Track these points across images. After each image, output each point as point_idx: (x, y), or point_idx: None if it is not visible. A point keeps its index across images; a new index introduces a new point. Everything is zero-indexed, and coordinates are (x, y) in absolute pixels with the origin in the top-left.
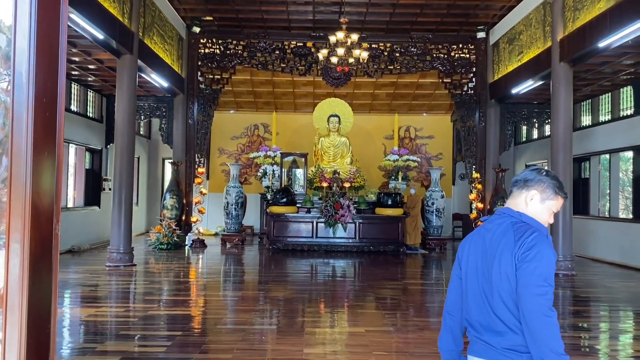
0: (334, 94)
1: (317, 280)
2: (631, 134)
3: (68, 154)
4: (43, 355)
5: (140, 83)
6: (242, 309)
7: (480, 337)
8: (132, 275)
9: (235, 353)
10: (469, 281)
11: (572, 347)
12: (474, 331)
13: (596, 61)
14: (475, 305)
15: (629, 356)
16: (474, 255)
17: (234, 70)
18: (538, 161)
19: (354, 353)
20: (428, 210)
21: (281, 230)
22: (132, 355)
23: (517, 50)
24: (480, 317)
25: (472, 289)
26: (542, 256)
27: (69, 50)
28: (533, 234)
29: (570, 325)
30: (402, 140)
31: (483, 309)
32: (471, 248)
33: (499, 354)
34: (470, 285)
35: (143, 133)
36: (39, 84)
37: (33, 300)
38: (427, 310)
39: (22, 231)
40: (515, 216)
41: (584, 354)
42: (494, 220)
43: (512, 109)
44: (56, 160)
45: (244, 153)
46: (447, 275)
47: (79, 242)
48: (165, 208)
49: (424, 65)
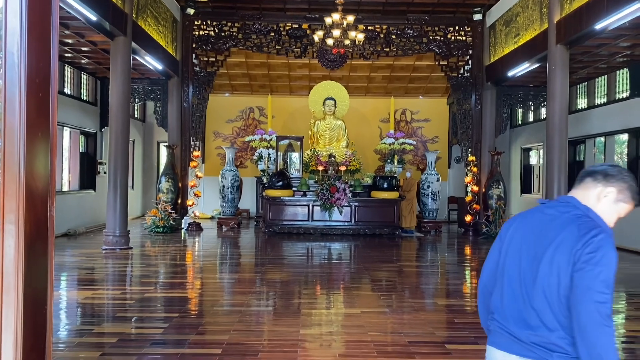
0: (330, 76)
1: (313, 262)
2: (626, 117)
3: (62, 137)
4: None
5: (135, 65)
6: (239, 291)
7: (505, 328)
8: (129, 258)
9: (232, 334)
10: (507, 262)
11: None
12: (500, 319)
13: (593, 43)
14: (509, 291)
15: (621, 336)
16: (521, 236)
17: (229, 52)
18: (534, 144)
19: (350, 334)
20: (423, 194)
21: (277, 213)
22: (129, 336)
23: (513, 33)
24: (511, 304)
25: (509, 272)
26: (608, 261)
27: (62, 32)
28: (600, 235)
29: None
30: (398, 123)
31: (517, 297)
32: (520, 227)
33: (525, 349)
34: (509, 267)
35: (138, 116)
36: (31, 64)
37: (29, 281)
38: (422, 291)
39: (16, 212)
40: (581, 209)
41: None
42: (556, 206)
43: (508, 92)
44: (50, 142)
45: (240, 136)
46: (441, 257)
47: (75, 226)
48: (160, 191)
49: (420, 48)
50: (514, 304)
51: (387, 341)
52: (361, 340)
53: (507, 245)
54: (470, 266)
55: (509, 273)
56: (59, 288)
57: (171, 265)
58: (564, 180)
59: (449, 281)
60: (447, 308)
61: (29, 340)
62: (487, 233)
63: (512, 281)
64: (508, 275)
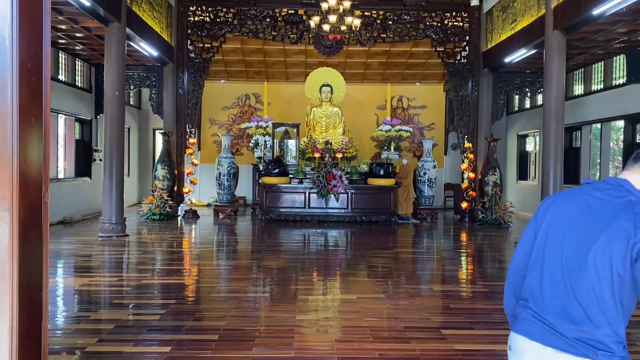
0: (326, 63)
1: (310, 249)
2: (623, 103)
3: (57, 124)
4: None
5: (129, 52)
6: (236, 278)
7: (541, 317)
8: (125, 246)
9: (229, 320)
10: (548, 246)
11: None
12: (536, 307)
13: (590, 29)
14: (549, 279)
15: None
16: (564, 218)
17: (224, 38)
18: (530, 131)
19: (346, 319)
20: (420, 181)
21: (273, 200)
22: (127, 323)
23: (510, 18)
24: (551, 293)
25: (549, 258)
26: None
27: (55, 18)
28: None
29: None
30: (395, 110)
31: (559, 286)
32: (563, 209)
33: (565, 343)
34: (549, 252)
35: (133, 103)
36: (22, 49)
37: (23, 268)
38: (418, 277)
39: (10, 199)
40: (636, 195)
41: None
42: (605, 189)
43: (505, 78)
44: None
45: (236, 123)
46: (437, 244)
47: (71, 213)
48: (156, 179)
49: (417, 34)
50: (554, 293)
51: (383, 326)
52: (357, 325)
53: (546, 227)
54: (466, 252)
55: (550, 259)
56: (55, 275)
57: (168, 253)
58: (560, 167)
59: (444, 267)
60: (442, 294)
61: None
62: (483, 219)
63: (553, 268)
64: (548, 261)
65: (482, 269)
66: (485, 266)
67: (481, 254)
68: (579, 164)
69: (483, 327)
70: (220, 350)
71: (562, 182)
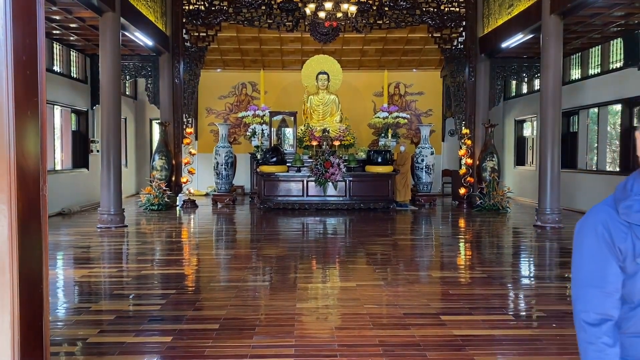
0: (323, 50)
1: (309, 237)
2: (620, 87)
3: (53, 116)
4: (36, 315)
5: (124, 42)
6: (235, 267)
7: None
8: (124, 236)
9: (229, 309)
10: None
11: (558, 297)
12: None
13: (587, 13)
14: None
15: None
16: None
17: (220, 27)
18: (527, 116)
19: (346, 307)
20: (418, 167)
21: (272, 189)
22: (127, 313)
23: (507, 3)
24: None
25: None
26: None
27: (49, 9)
28: None
29: (557, 276)
30: (392, 97)
31: None
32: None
33: None
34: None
35: (129, 93)
36: (17, 41)
37: (23, 261)
38: (417, 264)
39: (8, 192)
40: None
41: (569, 303)
42: None
43: (502, 64)
44: (40, 120)
45: (232, 112)
46: (436, 230)
47: (69, 205)
48: (154, 169)
49: (413, 20)
50: None
51: (382, 313)
52: (357, 312)
53: None
54: (465, 238)
55: None
56: (55, 267)
57: (167, 243)
58: (557, 152)
59: (443, 254)
60: (441, 280)
61: (25, 319)
62: (481, 205)
63: None
64: None
65: (480, 254)
66: (484, 252)
67: (479, 239)
68: (577, 149)
69: (482, 312)
70: (221, 339)
71: (560, 166)
